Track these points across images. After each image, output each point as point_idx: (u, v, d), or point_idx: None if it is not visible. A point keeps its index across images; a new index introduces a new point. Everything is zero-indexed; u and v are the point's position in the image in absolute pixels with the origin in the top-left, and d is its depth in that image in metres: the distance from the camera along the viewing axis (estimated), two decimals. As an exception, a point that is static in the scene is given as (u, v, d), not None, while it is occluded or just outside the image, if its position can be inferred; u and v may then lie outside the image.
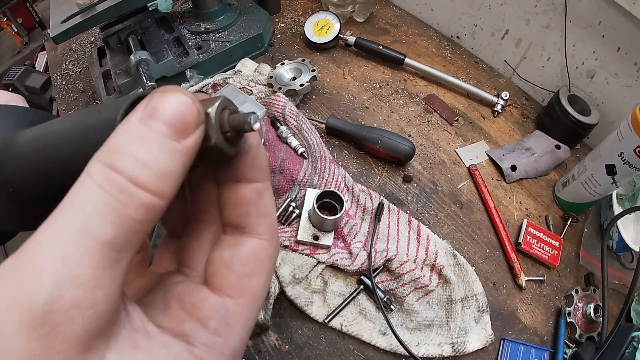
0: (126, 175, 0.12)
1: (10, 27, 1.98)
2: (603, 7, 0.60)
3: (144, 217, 0.12)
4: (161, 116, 0.12)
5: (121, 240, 0.11)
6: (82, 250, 0.11)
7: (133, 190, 0.12)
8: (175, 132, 0.13)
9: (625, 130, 0.49)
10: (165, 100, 0.13)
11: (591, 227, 0.61)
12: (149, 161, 0.12)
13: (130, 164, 0.12)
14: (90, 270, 0.11)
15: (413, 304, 0.49)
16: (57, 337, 0.11)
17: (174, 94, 0.13)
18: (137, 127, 0.12)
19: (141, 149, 0.12)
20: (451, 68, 0.81)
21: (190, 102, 0.13)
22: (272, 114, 0.65)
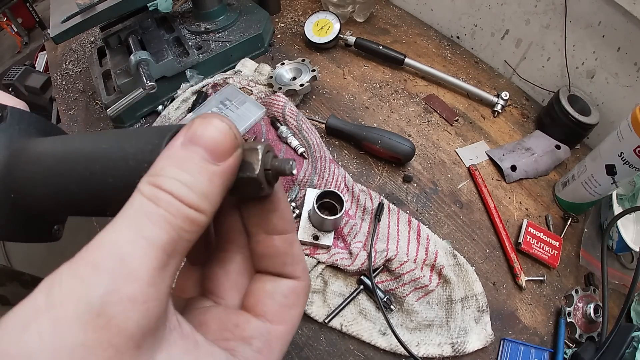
0: (173, 194, 0.13)
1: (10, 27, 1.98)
2: (603, 7, 0.60)
3: (191, 229, 0.13)
4: (201, 141, 0.14)
5: (171, 246, 0.13)
6: (137, 251, 0.12)
7: (180, 205, 0.13)
8: (213, 155, 0.14)
9: (625, 130, 0.49)
10: (204, 125, 0.14)
11: (591, 227, 0.61)
12: (191, 183, 0.13)
13: (174, 186, 0.13)
14: (145, 268, 0.12)
15: (413, 304, 0.49)
16: (112, 330, 0.11)
17: (213, 119, 0.14)
18: (180, 152, 0.14)
19: (184, 173, 0.14)
20: (451, 68, 0.81)
21: (227, 128, 0.14)
22: (272, 114, 0.65)
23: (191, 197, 0.13)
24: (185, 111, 0.67)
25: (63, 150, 0.18)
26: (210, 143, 0.14)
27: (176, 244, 0.13)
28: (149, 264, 0.12)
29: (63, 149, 0.18)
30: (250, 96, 0.67)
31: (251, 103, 0.65)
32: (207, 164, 0.14)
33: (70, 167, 0.17)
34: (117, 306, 0.11)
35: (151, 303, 0.12)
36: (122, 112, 0.62)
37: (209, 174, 0.14)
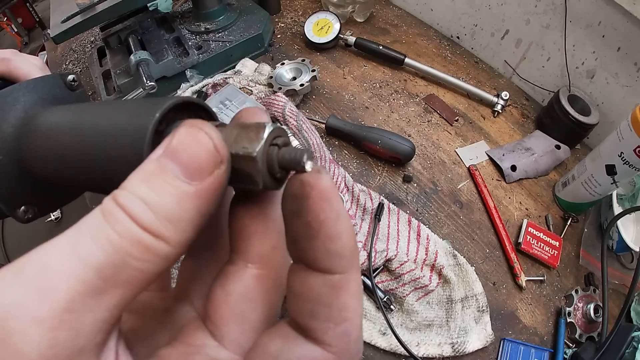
0: (126, 211, 0.11)
1: (10, 27, 1.98)
2: (603, 7, 0.60)
3: (144, 257, 0.11)
4: (175, 154, 0.12)
5: (109, 271, 0.10)
6: (63, 265, 0.10)
7: (130, 224, 0.11)
8: (188, 174, 0.11)
9: (625, 130, 0.49)
10: (182, 137, 0.12)
11: (591, 227, 0.61)
12: (152, 202, 0.11)
13: (131, 201, 0.11)
14: (65, 289, 0.10)
15: (413, 304, 0.49)
16: (10, 349, 0.09)
17: (189, 127, 0.12)
18: (150, 166, 0.12)
19: (147, 189, 0.11)
20: (451, 68, 0.81)
21: (208, 142, 0.12)
22: (272, 114, 0.65)
23: (148, 218, 0.11)
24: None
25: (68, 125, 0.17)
26: (184, 157, 0.11)
27: (118, 271, 0.11)
28: (71, 284, 0.10)
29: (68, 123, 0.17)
30: (250, 96, 0.67)
31: (251, 103, 0.65)
32: (177, 182, 0.11)
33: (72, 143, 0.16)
34: (19, 322, 0.09)
35: (63, 333, 0.10)
36: (122, 112, 0.62)
37: (179, 195, 0.11)
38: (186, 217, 0.11)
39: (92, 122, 0.16)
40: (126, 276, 0.11)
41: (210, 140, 0.12)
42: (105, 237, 0.11)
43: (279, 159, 0.13)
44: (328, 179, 0.12)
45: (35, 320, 0.10)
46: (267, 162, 0.13)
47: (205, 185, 0.12)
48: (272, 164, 0.13)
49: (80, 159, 0.16)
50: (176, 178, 0.11)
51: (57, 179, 0.19)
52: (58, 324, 0.10)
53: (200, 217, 0.12)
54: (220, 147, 0.12)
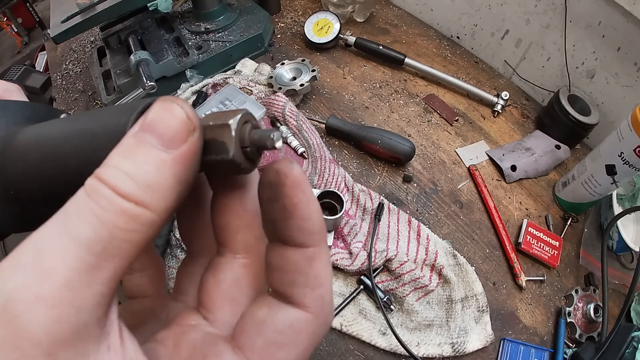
0: (109, 185, 0.11)
1: (10, 27, 1.98)
2: (603, 7, 0.60)
3: (130, 226, 0.11)
4: (152, 127, 0.12)
5: (99, 246, 0.11)
6: (57, 248, 0.11)
7: (114, 197, 0.11)
8: (163, 142, 0.12)
9: (625, 130, 0.49)
10: (153, 109, 0.13)
11: (591, 227, 0.61)
12: (133, 172, 0.12)
13: (113, 175, 0.12)
14: (61, 268, 0.11)
15: (413, 304, 0.49)
16: (17, 329, 0.10)
17: (162, 102, 0.13)
18: (128, 141, 0.12)
19: (127, 162, 0.12)
20: (451, 68, 0.81)
21: (181, 112, 0.13)
22: (272, 114, 0.65)
23: (130, 187, 0.11)
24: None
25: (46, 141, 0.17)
26: (160, 127, 0.12)
27: (108, 243, 0.11)
28: (67, 264, 0.11)
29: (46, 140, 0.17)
30: (250, 96, 0.67)
31: (251, 103, 0.65)
32: (155, 151, 0.12)
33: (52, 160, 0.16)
34: (22, 304, 0.10)
35: (65, 308, 0.10)
36: (122, 112, 0.62)
37: (157, 162, 0.12)
38: (166, 183, 0.12)
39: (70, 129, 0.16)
40: (116, 248, 0.11)
41: (182, 110, 0.13)
42: (92, 213, 0.11)
43: (251, 135, 0.14)
44: (299, 168, 0.14)
45: (37, 300, 0.10)
46: (239, 134, 0.14)
47: (182, 152, 0.12)
48: (244, 137, 0.14)
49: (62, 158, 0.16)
50: (153, 148, 0.12)
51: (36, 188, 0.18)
52: (59, 301, 0.10)
53: (179, 184, 0.13)
54: (192, 116, 0.13)
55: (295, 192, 0.13)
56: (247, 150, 0.14)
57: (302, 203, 0.13)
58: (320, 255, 0.14)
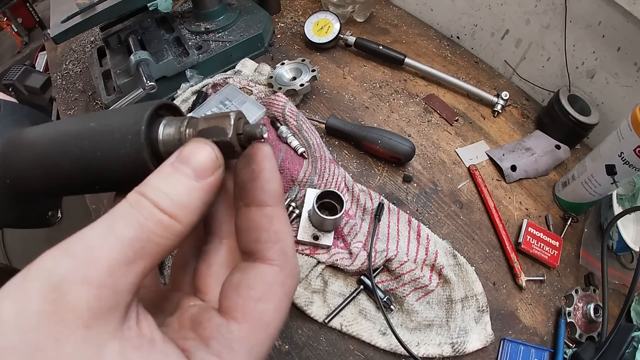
0: (150, 200, 0.15)
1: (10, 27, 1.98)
2: (603, 7, 0.60)
3: (163, 233, 0.15)
4: (187, 160, 0.16)
5: (138, 244, 0.14)
6: (104, 243, 0.14)
7: (154, 209, 0.14)
8: (196, 173, 0.16)
9: (625, 130, 0.49)
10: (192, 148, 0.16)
11: (591, 227, 0.61)
12: (169, 192, 0.15)
13: (154, 193, 0.15)
14: (106, 258, 0.13)
15: (413, 304, 0.49)
16: (64, 304, 0.12)
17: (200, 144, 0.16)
18: (167, 168, 0.16)
19: (166, 184, 0.15)
20: (451, 68, 0.81)
21: (211, 152, 0.16)
22: (272, 114, 0.65)
23: (166, 203, 0.15)
24: (186, 111, 0.67)
25: (54, 133, 0.19)
26: (193, 161, 0.16)
27: (145, 244, 0.14)
28: (111, 255, 0.13)
29: (54, 132, 0.19)
30: (250, 96, 0.67)
31: (251, 103, 0.65)
32: (188, 180, 0.15)
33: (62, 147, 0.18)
34: (72, 284, 0.13)
35: (105, 290, 0.13)
36: (122, 112, 0.62)
37: (189, 188, 0.15)
38: (194, 204, 0.15)
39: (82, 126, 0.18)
40: (149, 249, 0.14)
41: (212, 150, 0.16)
42: (135, 219, 0.14)
43: (244, 127, 0.17)
44: (270, 148, 0.18)
45: (84, 281, 0.13)
46: (236, 124, 0.17)
47: (209, 182, 0.16)
48: (239, 127, 0.17)
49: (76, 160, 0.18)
50: (187, 177, 0.15)
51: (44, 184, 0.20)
52: (102, 283, 0.13)
53: (203, 205, 0.16)
54: (219, 156, 0.17)
55: (264, 160, 0.17)
56: (241, 137, 0.17)
57: (267, 169, 0.17)
58: (278, 214, 0.17)
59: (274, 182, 0.17)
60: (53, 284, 0.13)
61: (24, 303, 0.12)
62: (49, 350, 0.12)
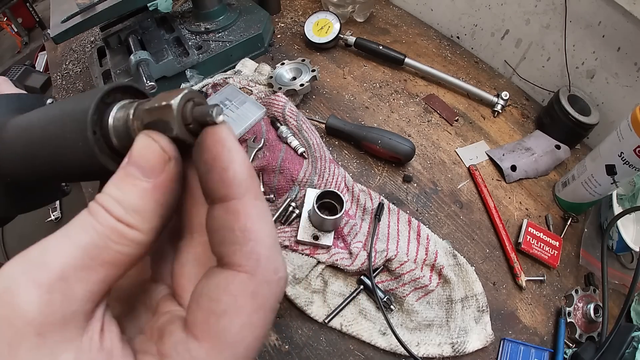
0: (105, 208, 0.14)
1: (10, 27, 1.98)
2: (603, 7, 0.60)
3: (121, 241, 0.14)
4: (133, 160, 0.15)
5: (95, 251, 0.13)
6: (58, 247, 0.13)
7: (108, 217, 0.14)
8: (144, 174, 0.14)
9: (625, 130, 0.49)
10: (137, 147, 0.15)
11: (591, 227, 0.61)
12: (120, 198, 0.14)
13: (107, 200, 0.14)
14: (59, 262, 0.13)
15: (413, 304, 0.49)
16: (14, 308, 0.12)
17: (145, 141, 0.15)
18: (119, 173, 0.15)
19: (117, 190, 0.14)
20: (451, 68, 0.81)
21: (157, 148, 0.15)
22: (272, 114, 0.65)
23: (119, 212, 0.14)
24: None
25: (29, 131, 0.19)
26: (140, 161, 0.14)
27: (102, 251, 0.13)
28: (63, 259, 0.13)
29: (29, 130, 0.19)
30: (250, 96, 0.67)
31: (251, 103, 0.65)
32: (138, 181, 0.14)
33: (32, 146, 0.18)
34: (21, 287, 0.12)
35: (57, 296, 0.12)
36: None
37: (140, 190, 0.14)
38: (149, 207, 0.14)
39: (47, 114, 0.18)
40: (109, 256, 0.13)
41: (157, 145, 0.15)
42: (90, 225, 0.14)
43: (193, 112, 0.15)
44: (226, 126, 0.14)
45: (35, 285, 0.12)
46: (181, 112, 0.15)
47: (160, 179, 0.15)
48: (186, 115, 0.15)
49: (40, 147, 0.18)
50: (137, 178, 0.14)
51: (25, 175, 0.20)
52: (53, 288, 0.12)
53: (161, 207, 0.15)
54: (167, 148, 0.15)
55: (216, 144, 0.14)
56: (191, 127, 0.15)
57: (221, 154, 0.14)
58: (246, 208, 0.14)
59: (234, 169, 0.14)
60: (5, 286, 0.12)
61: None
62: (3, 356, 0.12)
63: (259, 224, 0.14)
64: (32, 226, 1.59)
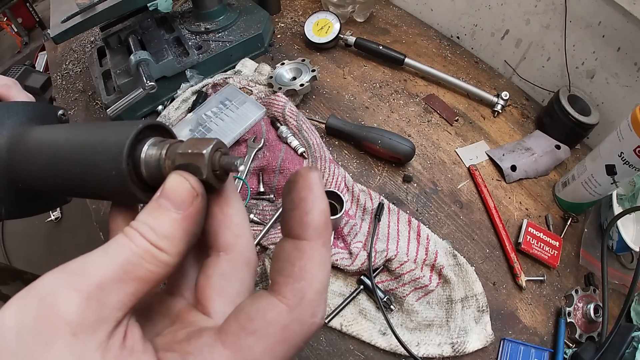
0: (139, 232, 0.16)
1: (10, 27, 1.98)
2: (603, 7, 0.60)
3: (152, 261, 0.16)
4: (167, 195, 0.17)
5: (130, 267, 0.15)
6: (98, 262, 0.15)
7: (142, 240, 0.16)
8: (175, 205, 0.17)
9: (625, 130, 0.49)
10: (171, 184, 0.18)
11: (591, 227, 0.61)
12: (154, 225, 0.17)
13: (142, 227, 0.17)
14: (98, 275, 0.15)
15: (413, 304, 0.49)
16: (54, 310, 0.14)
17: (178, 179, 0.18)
18: (152, 204, 0.17)
19: (151, 219, 0.17)
20: (451, 68, 0.81)
21: (188, 186, 0.18)
22: (272, 114, 0.65)
23: (152, 236, 0.16)
24: (185, 111, 0.67)
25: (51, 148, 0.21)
26: (172, 196, 0.17)
27: (135, 267, 0.16)
28: (103, 272, 0.15)
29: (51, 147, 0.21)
30: (250, 96, 0.67)
31: (251, 103, 0.65)
32: (169, 212, 0.17)
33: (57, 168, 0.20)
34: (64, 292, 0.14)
35: (94, 302, 0.14)
36: (122, 112, 0.62)
37: (171, 220, 0.17)
38: (178, 235, 0.17)
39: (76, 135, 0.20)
40: (141, 273, 0.16)
41: (188, 183, 0.18)
42: (127, 245, 0.16)
43: (220, 160, 0.18)
44: (316, 174, 0.16)
45: (76, 290, 0.14)
46: (211, 160, 0.18)
47: (189, 212, 0.17)
48: (214, 162, 0.18)
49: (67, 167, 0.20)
50: (168, 210, 0.17)
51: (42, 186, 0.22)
52: (92, 295, 0.14)
53: (188, 235, 0.17)
54: (196, 186, 0.18)
55: (305, 189, 0.16)
56: (217, 173, 0.18)
57: (307, 199, 0.16)
58: (312, 251, 0.16)
59: (315, 213, 0.16)
60: (48, 291, 0.14)
61: (24, 310, 0.14)
62: (38, 353, 0.13)
63: (317, 269, 0.16)
64: (32, 226, 1.59)
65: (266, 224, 0.53)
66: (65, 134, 0.21)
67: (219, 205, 0.20)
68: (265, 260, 0.51)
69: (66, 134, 0.21)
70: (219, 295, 0.19)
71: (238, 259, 0.19)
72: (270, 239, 0.52)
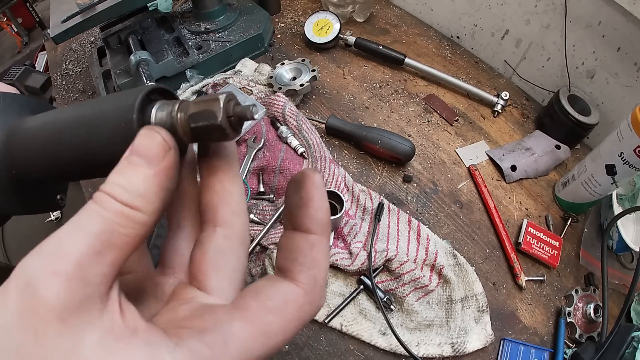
0: (109, 194, 0.15)
1: (10, 27, 1.98)
2: (603, 7, 0.60)
3: (126, 224, 0.15)
4: (137, 151, 0.16)
5: (104, 236, 0.15)
6: (72, 237, 0.14)
7: (113, 202, 0.15)
8: (147, 160, 0.16)
9: (625, 130, 0.49)
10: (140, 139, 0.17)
11: (591, 227, 0.61)
12: (124, 184, 0.16)
13: (112, 188, 0.15)
14: (75, 251, 0.14)
15: (413, 304, 0.49)
16: (37, 299, 0.13)
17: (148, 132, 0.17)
18: (122, 163, 0.16)
19: (121, 178, 0.16)
20: (451, 68, 0.81)
21: (159, 138, 0.17)
22: (272, 114, 0.65)
23: (125, 196, 0.15)
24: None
25: (52, 123, 0.20)
26: (143, 151, 0.16)
27: (110, 235, 0.15)
28: (78, 248, 0.14)
29: (52, 122, 0.20)
30: (250, 96, 0.67)
31: (251, 103, 0.65)
32: (141, 168, 0.16)
33: (59, 138, 0.19)
34: (43, 278, 0.13)
35: (75, 282, 0.14)
36: (122, 112, 0.62)
37: (144, 176, 0.16)
38: (151, 191, 0.16)
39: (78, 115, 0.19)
40: (116, 239, 0.15)
41: (160, 135, 0.17)
42: (97, 213, 0.15)
43: (235, 109, 0.17)
44: (320, 177, 0.18)
45: (54, 274, 0.13)
46: (226, 106, 0.17)
47: (161, 166, 0.16)
48: (229, 109, 0.17)
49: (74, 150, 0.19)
50: (140, 166, 0.16)
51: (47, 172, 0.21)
52: (72, 275, 0.14)
53: (162, 190, 0.16)
54: (167, 139, 0.17)
55: (312, 188, 0.18)
56: (232, 120, 0.17)
57: (316, 197, 0.18)
58: (321, 244, 0.18)
59: (322, 210, 0.18)
60: (25, 281, 0.13)
61: (5, 304, 0.13)
62: (30, 345, 0.13)
63: (325, 259, 0.18)
64: (32, 226, 1.59)
65: (266, 224, 0.53)
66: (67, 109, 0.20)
67: (220, 181, 0.20)
68: (265, 260, 0.51)
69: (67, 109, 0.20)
70: (215, 270, 0.19)
71: (235, 236, 0.19)
72: (270, 239, 0.52)
